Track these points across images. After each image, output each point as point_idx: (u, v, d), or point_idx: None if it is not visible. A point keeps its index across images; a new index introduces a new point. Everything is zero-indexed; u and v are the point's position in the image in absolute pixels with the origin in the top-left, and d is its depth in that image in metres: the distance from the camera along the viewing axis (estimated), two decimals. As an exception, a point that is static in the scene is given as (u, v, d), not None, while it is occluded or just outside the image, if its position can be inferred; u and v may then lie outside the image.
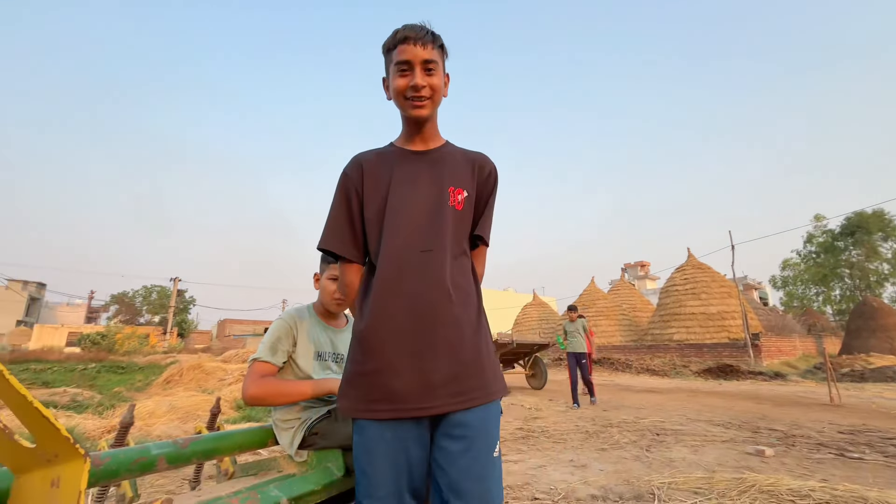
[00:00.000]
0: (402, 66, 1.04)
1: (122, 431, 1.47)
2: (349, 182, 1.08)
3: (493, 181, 1.15)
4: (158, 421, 5.88)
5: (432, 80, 1.05)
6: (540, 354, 9.69)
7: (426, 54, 1.03)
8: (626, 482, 2.93)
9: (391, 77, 1.07)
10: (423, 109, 1.06)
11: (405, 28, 1.05)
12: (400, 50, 1.04)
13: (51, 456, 0.80)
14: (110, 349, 21.37)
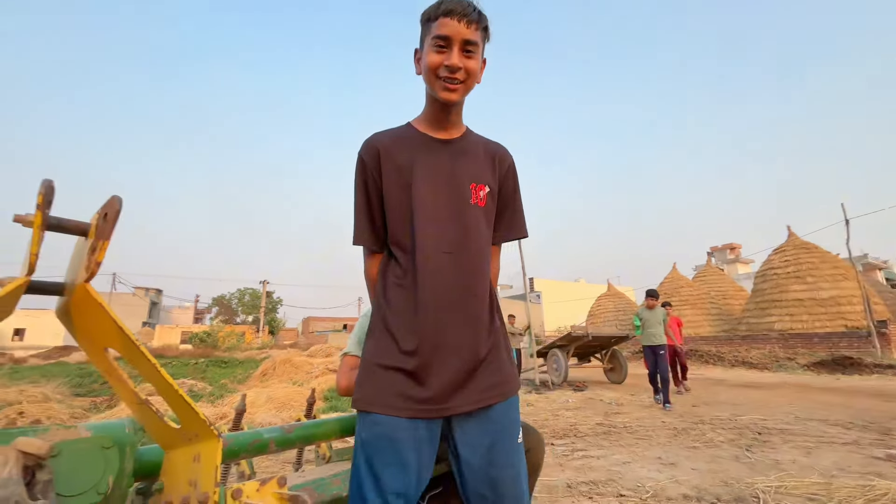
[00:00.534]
0: (439, 42, 0.95)
1: (238, 417, 1.67)
2: (366, 169, 1.02)
3: (514, 174, 1.12)
4: (259, 410, 6.56)
5: (469, 62, 0.97)
6: (619, 347, 9.22)
7: (468, 34, 0.95)
8: (724, 483, 2.71)
9: (425, 50, 0.99)
10: (454, 93, 0.98)
11: (451, 1, 0.95)
12: (441, 23, 0.95)
13: (192, 436, 0.94)
14: (214, 346, 24.14)
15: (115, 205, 0.74)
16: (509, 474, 0.94)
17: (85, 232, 0.79)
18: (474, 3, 0.98)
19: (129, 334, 0.79)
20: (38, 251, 0.69)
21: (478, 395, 0.94)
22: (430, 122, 1.05)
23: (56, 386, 9.69)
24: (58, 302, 0.88)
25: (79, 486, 0.84)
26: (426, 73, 0.99)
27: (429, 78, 0.99)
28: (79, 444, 0.86)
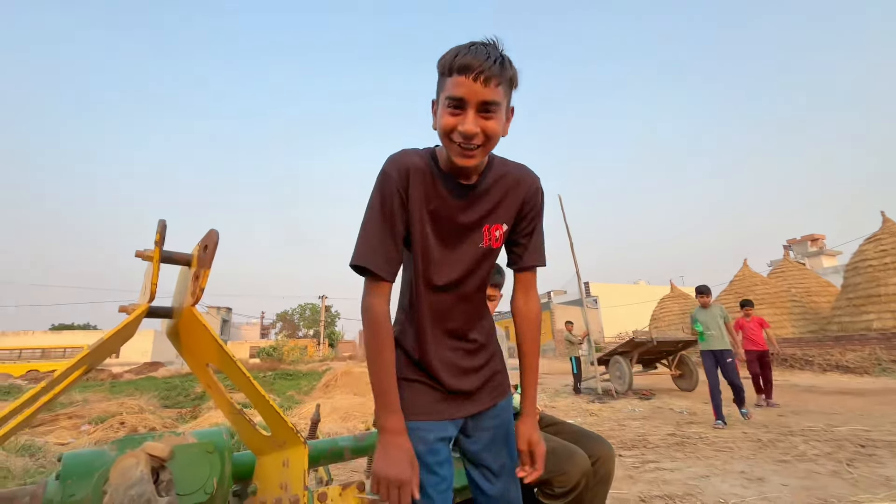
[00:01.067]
0: (453, 103, 0.86)
1: (313, 427, 1.78)
2: (394, 187, 0.92)
3: (536, 202, 1.05)
4: (325, 420, 6.85)
5: (489, 124, 0.88)
6: (687, 352, 8.63)
7: (487, 94, 0.85)
8: (823, 501, 2.45)
9: (440, 109, 0.90)
10: (471, 159, 0.89)
11: (468, 51, 0.85)
12: (455, 82, 0.85)
13: (281, 442, 1.03)
14: (280, 359, 25.55)
15: (214, 237, 0.85)
16: (510, 454, 1.04)
17: (189, 262, 0.91)
18: (495, 53, 0.87)
19: (227, 351, 0.89)
20: (157, 281, 0.81)
21: (486, 395, 1.04)
22: (450, 166, 0.97)
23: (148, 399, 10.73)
24: (167, 324, 1.01)
25: (191, 486, 0.95)
26: (440, 135, 0.91)
27: (443, 140, 0.91)
28: (189, 449, 0.97)
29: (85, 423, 6.93)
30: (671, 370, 8.64)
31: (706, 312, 5.28)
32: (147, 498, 0.73)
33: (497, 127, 0.89)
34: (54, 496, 0.83)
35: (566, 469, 1.22)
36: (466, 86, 0.84)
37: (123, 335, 0.84)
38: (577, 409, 6.72)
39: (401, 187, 0.93)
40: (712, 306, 5.31)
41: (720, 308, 5.29)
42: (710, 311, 5.27)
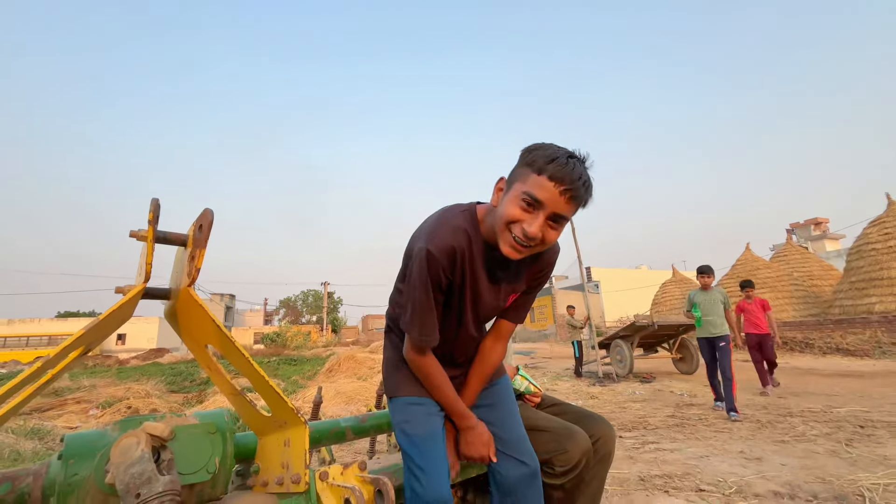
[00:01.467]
0: (528, 199, 0.89)
1: (315, 408, 1.80)
2: (440, 271, 0.99)
3: (546, 274, 1.18)
4: (329, 403, 6.95)
5: (551, 234, 0.93)
6: (688, 336, 8.66)
7: (564, 209, 0.89)
8: (821, 480, 2.48)
9: (510, 196, 0.92)
10: (518, 254, 0.94)
11: (566, 164, 0.87)
12: (541, 184, 0.87)
13: (282, 423, 1.03)
14: (284, 345, 25.85)
15: (209, 216, 0.83)
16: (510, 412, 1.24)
17: (184, 242, 0.90)
18: (586, 175, 0.90)
19: (225, 332, 0.88)
20: (152, 261, 0.80)
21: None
22: (490, 236, 1.01)
23: (154, 384, 10.90)
24: (165, 305, 1.00)
25: (193, 466, 0.95)
26: (500, 219, 0.93)
27: (500, 225, 0.94)
28: (191, 430, 0.98)
29: (93, 407, 7.05)
30: (672, 354, 8.69)
31: (706, 295, 4.88)
32: (148, 476, 0.73)
33: (555, 238, 0.95)
34: (57, 476, 0.84)
35: (567, 448, 1.23)
36: (551, 193, 0.88)
37: (120, 316, 0.83)
38: (579, 392, 6.78)
39: (445, 269, 1.00)
40: (713, 289, 4.91)
41: (721, 292, 4.90)
42: (711, 295, 4.87)
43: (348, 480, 1.01)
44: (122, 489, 0.72)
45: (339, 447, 3.70)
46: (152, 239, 0.79)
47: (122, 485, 0.72)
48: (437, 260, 0.97)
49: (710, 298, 4.86)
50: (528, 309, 1.22)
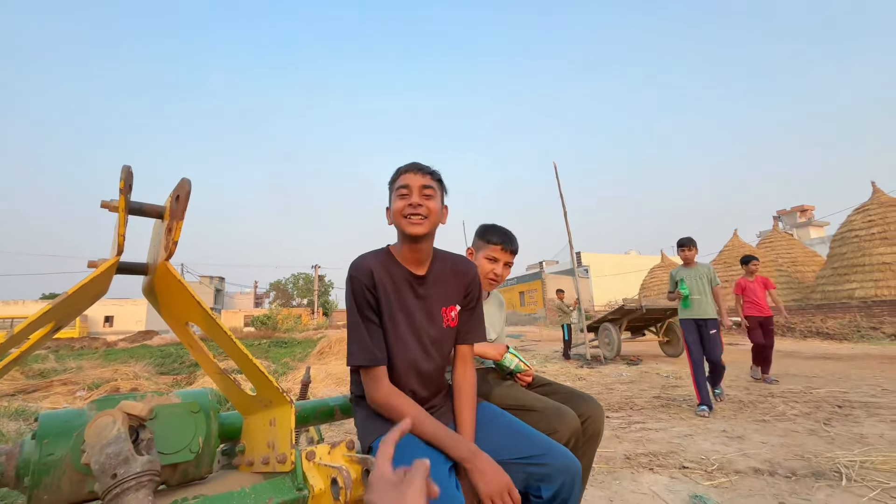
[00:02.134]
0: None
1: (304, 388, 1.78)
2: (363, 289, 1.13)
3: (475, 287, 1.29)
4: (319, 385, 6.97)
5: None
6: (674, 320, 8.81)
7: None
8: (800, 457, 2.55)
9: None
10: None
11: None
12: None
13: (267, 402, 1.01)
14: (274, 328, 25.76)
15: (186, 186, 0.78)
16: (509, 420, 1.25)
17: (161, 214, 0.85)
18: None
19: (206, 309, 0.85)
20: (125, 233, 0.75)
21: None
22: (405, 259, 1.20)
23: (143, 365, 10.81)
24: (143, 281, 0.96)
25: (175, 445, 0.93)
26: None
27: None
28: (173, 409, 0.95)
29: (80, 389, 6.98)
30: (658, 337, 8.85)
31: (690, 272, 4.23)
32: (125, 456, 0.70)
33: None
34: (31, 455, 0.81)
35: (557, 428, 1.23)
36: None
37: (93, 292, 0.79)
38: (567, 373, 6.88)
39: (367, 286, 1.13)
40: (697, 264, 4.26)
41: (707, 267, 4.24)
42: (696, 271, 4.22)
43: (335, 460, 0.99)
44: (98, 469, 0.70)
45: (329, 427, 3.71)
46: (124, 209, 0.74)
47: (97, 465, 0.70)
48: (359, 279, 1.13)
49: (695, 274, 4.20)
50: (481, 327, 1.30)
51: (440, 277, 1.24)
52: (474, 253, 1.70)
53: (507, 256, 1.64)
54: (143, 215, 0.84)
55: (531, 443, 1.10)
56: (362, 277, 1.13)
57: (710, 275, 4.21)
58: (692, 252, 4.23)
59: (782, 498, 2.04)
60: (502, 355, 1.57)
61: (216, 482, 1.02)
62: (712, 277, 4.22)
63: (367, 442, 1.08)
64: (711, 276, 4.21)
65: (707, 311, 4.09)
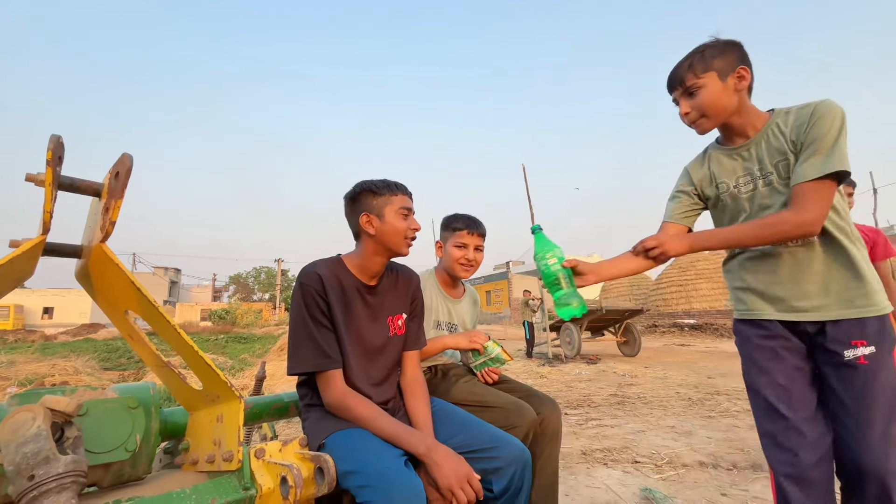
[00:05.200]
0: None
1: (258, 384, 1.71)
2: (315, 294, 1.13)
3: (419, 296, 1.36)
4: (279, 381, 6.74)
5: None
6: (632, 321, 9.17)
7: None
8: (741, 451, 2.71)
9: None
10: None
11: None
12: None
13: (214, 397, 0.95)
14: (233, 323, 24.80)
15: (126, 162, 0.72)
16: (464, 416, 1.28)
17: (98, 192, 0.78)
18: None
19: (146, 295, 0.79)
20: (52, 209, 0.68)
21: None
22: (361, 270, 1.23)
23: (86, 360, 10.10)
24: (77, 264, 0.88)
25: (108, 444, 0.86)
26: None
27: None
28: (106, 404, 0.87)
29: (12, 385, 6.43)
30: (617, 337, 9.18)
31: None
32: (45, 455, 0.64)
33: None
34: (-65, 456, 0.72)
35: (516, 423, 1.24)
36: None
37: (13, 274, 0.71)
38: (529, 371, 7.02)
39: (318, 291, 1.14)
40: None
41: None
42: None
43: (287, 458, 0.95)
44: (13, 470, 0.63)
45: (288, 425, 3.60)
46: (52, 184, 0.67)
47: (11, 465, 0.63)
48: (309, 285, 1.14)
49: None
50: (422, 334, 1.36)
51: (388, 287, 1.28)
52: (443, 245, 1.67)
53: (476, 240, 1.62)
54: (77, 192, 0.77)
55: (482, 435, 1.11)
56: (313, 284, 1.14)
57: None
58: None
59: (724, 489, 2.16)
60: (476, 343, 1.49)
61: (155, 483, 0.95)
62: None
63: (317, 441, 1.04)
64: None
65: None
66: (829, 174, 0.98)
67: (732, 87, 1.10)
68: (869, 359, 0.97)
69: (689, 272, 19.86)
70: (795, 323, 1.06)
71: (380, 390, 1.21)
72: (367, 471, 0.91)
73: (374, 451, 0.97)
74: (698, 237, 1.14)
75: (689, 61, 1.11)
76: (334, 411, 1.09)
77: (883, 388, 0.96)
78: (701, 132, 1.16)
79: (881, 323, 1.00)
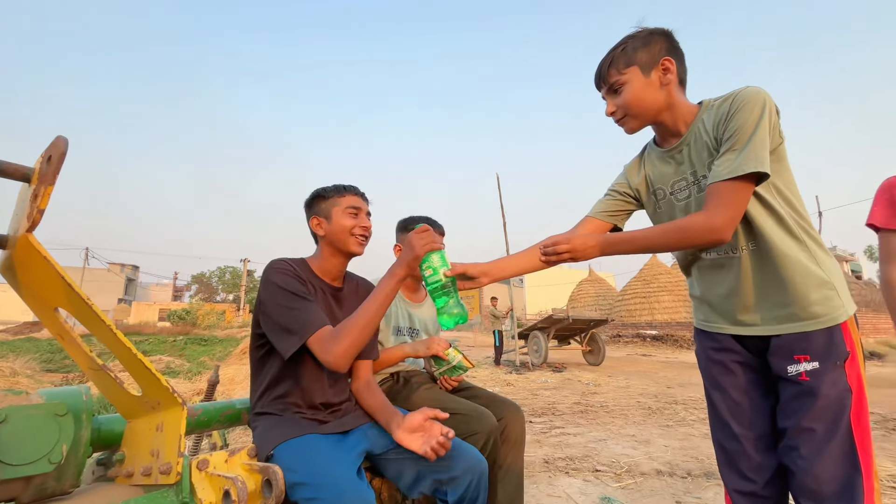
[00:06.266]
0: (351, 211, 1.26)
1: (210, 389, 1.62)
2: (296, 276, 1.15)
3: None
4: (238, 386, 6.48)
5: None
6: (597, 331, 9.40)
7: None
8: (695, 459, 2.80)
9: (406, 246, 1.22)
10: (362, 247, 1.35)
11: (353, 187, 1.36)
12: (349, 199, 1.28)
13: (154, 404, 0.88)
14: (194, 324, 23.71)
15: (61, 146, 0.66)
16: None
17: (27, 177, 0.71)
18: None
19: (78, 291, 0.72)
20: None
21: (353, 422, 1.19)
22: (323, 272, 1.27)
23: (25, 361, 9.39)
24: (0, 255, 0.80)
25: (29, 455, 0.78)
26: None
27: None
28: (28, 411, 0.80)
29: (-65, 387, 5.87)
30: (582, 346, 9.38)
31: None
32: (-56, 468, 0.57)
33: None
34: None
35: (476, 430, 1.23)
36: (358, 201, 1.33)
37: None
38: (496, 379, 7.05)
39: (295, 274, 1.15)
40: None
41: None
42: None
43: (232, 469, 0.89)
44: None
45: (245, 432, 3.45)
46: (-29, 165, 0.61)
47: None
48: (287, 269, 1.15)
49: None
50: (376, 346, 1.35)
51: (351, 292, 1.32)
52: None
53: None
54: (4, 176, 0.70)
55: None
56: (289, 269, 1.16)
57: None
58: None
59: (679, 497, 2.21)
60: (435, 349, 1.46)
61: (83, 497, 0.87)
62: None
63: (267, 450, 0.99)
64: None
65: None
66: (743, 175, 0.87)
67: (657, 82, 1.00)
68: (811, 375, 0.90)
69: (653, 284, 20.62)
70: (744, 336, 1.01)
71: (335, 391, 1.19)
72: (317, 482, 0.86)
73: (326, 462, 0.92)
74: (610, 239, 1.00)
75: (612, 56, 1.02)
76: (345, 359, 1.04)
77: (825, 406, 0.89)
78: (629, 132, 1.07)
79: (828, 336, 0.91)
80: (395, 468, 1.09)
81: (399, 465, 1.08)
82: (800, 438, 0.91)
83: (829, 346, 0.91)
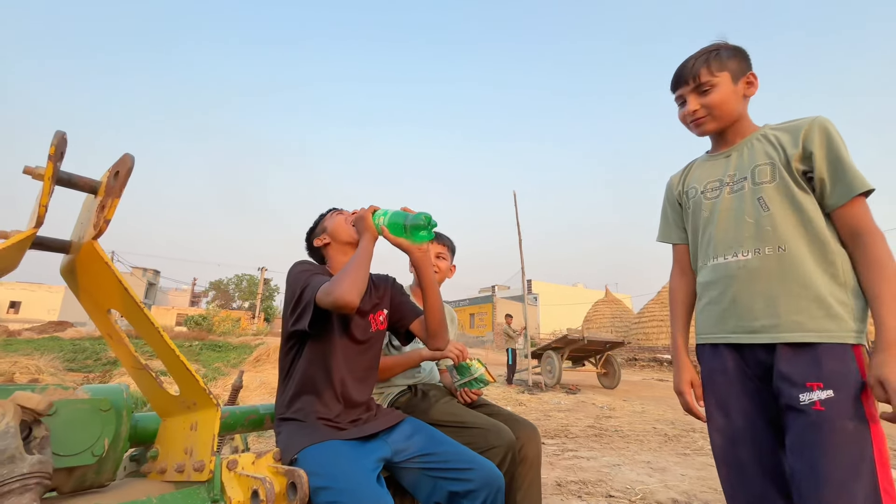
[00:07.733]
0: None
1: (234, 393, 1.67)
2: (319, 267, 1.29)
3: (398, 290, 1.41)
4: (252, 393, 6.56)
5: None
6: (613, 353, 9.22)
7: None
8: (714, 490, 2.71)
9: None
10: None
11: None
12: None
13: (190, 404, 0.93)
14: (209, 330, 24.08)
15: (128, 162, 0.73)
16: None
17: (95, 189, 0.79)
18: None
19: (133, 296, 0.78)
20: (48, 203, 0.68)
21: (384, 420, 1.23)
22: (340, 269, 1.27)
23: (50, 360, 9.67)
24: (63, 260, 0.87)
25: (75, 447, 0.83)
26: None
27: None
28: (76, 405, 0.85)
29: (-32, 380, 6.10)
30: (597, 368, 9.20)
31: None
32: (10, 454, 0.62)
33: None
34: None
35: (494, 444, 1.24)
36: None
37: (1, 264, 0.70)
38: (508, 398, 6.96)
39: (322, 272, 1.24)
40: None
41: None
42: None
43: (260, 471, 0.93)
44: (-25, 467, 0.61)
45: (260, 438, 3.48)
46: (51, 178, 0.68)
47: (-25, 461, 0.61)
48: (305, 263, 1.27)
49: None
50: (417, 306, 1.40)
51: (368, 287, 1.32)
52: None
53: (437, 247, 1.66)
54: (74, 188, 0.77)
55: (457, 455, 1.10)
56: (311, 264, 1.29)
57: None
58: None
59: (696, 529, 2.15)
60: (455, 353, 1.47)
61: (118, 491, 0.92)
62: None
63: (291, 454, 1.03)
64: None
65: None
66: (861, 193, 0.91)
67: (742, 92, 1.06)
68: (826, 405, 0.83)
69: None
70: (750, 349, 0.96)
71: (362, 387, 1.24)
72: (339, 486, 0.90)
73: (346, 467, 0.95)
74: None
75: (706, 57, 1.06)
76: (350, 295, 1.03)
77: (842, 442, 0.81)
78: (701, 134, 1.11)
79: (841, 359, 0.86)
80: (412, 478, 1.11)
81: (416, 475, 1.10)
82: (812, 475, 0.82)
83: (844, 372, 0.85)
